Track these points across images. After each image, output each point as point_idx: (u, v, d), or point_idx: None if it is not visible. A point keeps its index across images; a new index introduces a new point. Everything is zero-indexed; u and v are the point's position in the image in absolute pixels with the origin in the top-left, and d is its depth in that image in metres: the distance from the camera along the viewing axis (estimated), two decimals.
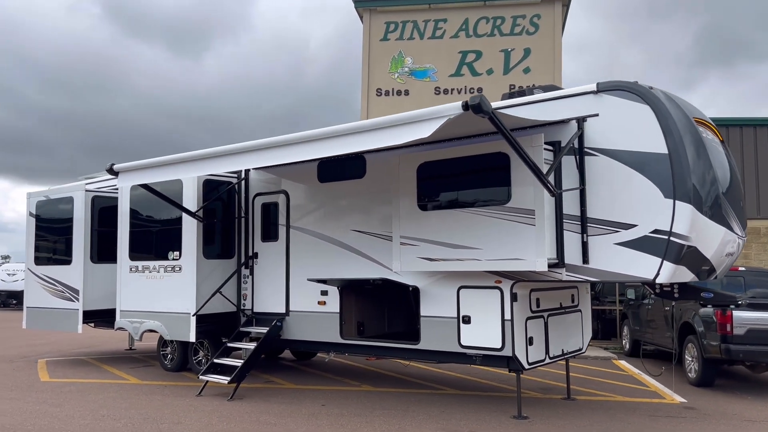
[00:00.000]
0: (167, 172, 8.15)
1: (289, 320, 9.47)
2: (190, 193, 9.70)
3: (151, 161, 8.32)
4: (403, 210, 7.84)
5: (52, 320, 11.97)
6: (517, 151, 5.90)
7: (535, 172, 6.09)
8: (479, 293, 7.55)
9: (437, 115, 5.74)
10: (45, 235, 12.45)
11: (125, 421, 7.37)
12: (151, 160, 8.39)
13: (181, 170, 8.03)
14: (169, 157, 8.17)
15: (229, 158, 7.49)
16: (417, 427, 7.12)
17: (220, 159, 7.59)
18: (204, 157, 7.75)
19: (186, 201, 9.72)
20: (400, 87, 15.65)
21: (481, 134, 7.35)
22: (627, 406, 8.32)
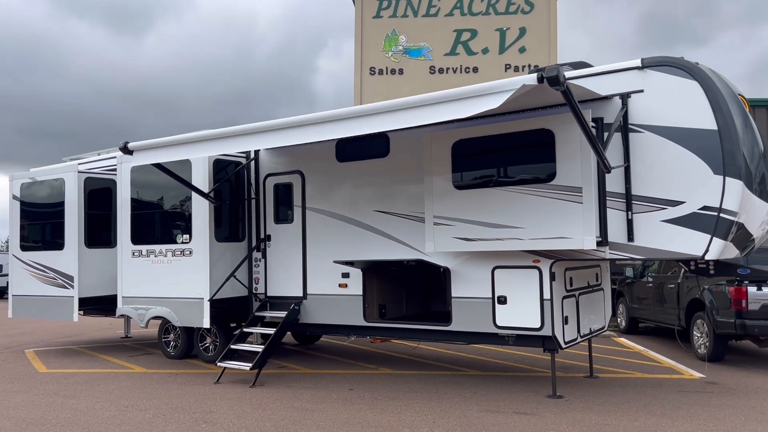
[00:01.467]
0: (185, 151, 7.74)
1: (307, 304, 9.21)
2: (200, 173, 9.29)
3: (168, 139, 7.89)
4: (436, 189, 7.64)
5: (43, 308, 11.39)
6: (583, 127, 5.75)
7: (595, 149, 5.96)
8: (516, 273, 7.44)
9: (509, 87, 5.53)
10: (32, 219, 11.80)
11: (153, 412, 7.03)
12: (168, 138, 7.96)
13: (201, 149, 7.64)
14: (188, 135, 7.77)
15: (258, 136, 7.14)
16: (459, 409, 7.00)
17: (247, 137, 7.23)
18: (227, 136, 7.38)
19: (195, 182, 9.30)
20: (394, 66, 15.37)
21: (521, 110, 7.21)
22: (651, 383, 8.38)
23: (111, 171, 11.58)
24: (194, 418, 6.73)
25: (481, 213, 7.31)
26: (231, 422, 6.54)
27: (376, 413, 6.85)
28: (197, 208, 9.37)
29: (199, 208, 9.34)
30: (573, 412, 6.79)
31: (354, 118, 6.56)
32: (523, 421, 6.46)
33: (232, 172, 9.70)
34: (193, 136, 7.64)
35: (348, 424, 6.40)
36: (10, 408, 7.35)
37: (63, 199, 11.15)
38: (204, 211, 9.29)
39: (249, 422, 6.54)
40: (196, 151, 7.63)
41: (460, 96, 5.86)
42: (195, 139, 7.58)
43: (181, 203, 9.68)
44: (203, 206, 9.29)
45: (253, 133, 7.14)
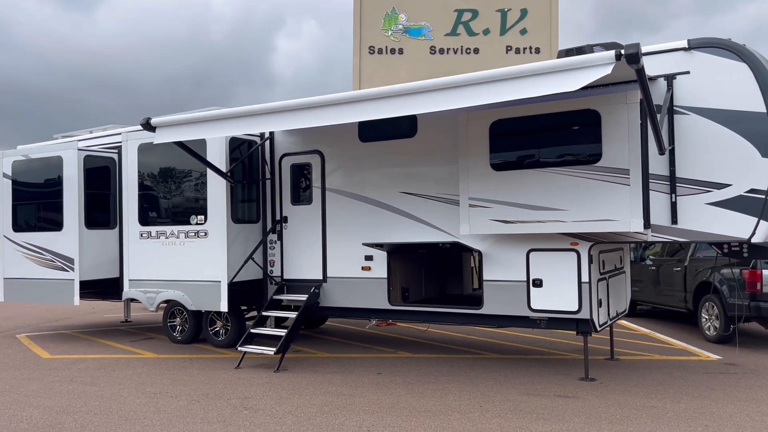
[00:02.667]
0: (214, 129, 7.40)
1: (327, 287, 9.00)
2: (216, 152, 8.95)
3: (196, 116, 7.53)
4: (472, 170, 7.49)
5: (40, 292, 10.91)
6: (649, 108, 5.65)
7: (656, 131, 5.87)
8: (553, 256, 7.37)
9: (587, 63, 5.37)
10: (25, 198, 11.25)
11: (186, 398, 6.77)
12: (196, 114, 7.60)
13: (232, 126, 7.31)
14: (219, 112, 7.41)
15: (299, 114, 6.84)
16: (499, 392, 6.92)
17: (286, 115, 6.93)
18: (264, 113, 7.06)
19: (210, 161, 8.94)
20: (394, 45, 15.07)
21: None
22: (674, 365, 8.45)
23: (110, 149, 11.12)
24: (232, 405, 6.49)
25: (521, 195, 7.19)
26: (273, 408, 6.34)
27: (417, 398, 6.72)
28: (213, 188, 9.04)
29: (215, 188, 9.01)
30: (614, 395, 6.78)
31: (413, 94, 6.27)
32: (569, 404, 6.41)
33: (247, 151, 9.37)
34: (225, 113, 7.30)
35: (394, 409, 6.26)
36: (30, 396, 6.99)
37: (61, 177, 10.65)
38: (220, 191, 8.97)
39: (291, 408, 6.34)
40: (226, 128, 7.31)
41: (534, 72, 5.65)
42: (226, 116, 7.25)
43: (194, 183, 9.33)
44: (219, 186, 8.97)
45: (294, 110, 6.84)
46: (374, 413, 6.12)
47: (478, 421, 5.84)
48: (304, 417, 6.02)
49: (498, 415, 6.03)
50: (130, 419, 6.01)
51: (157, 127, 7.72)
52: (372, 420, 5.90)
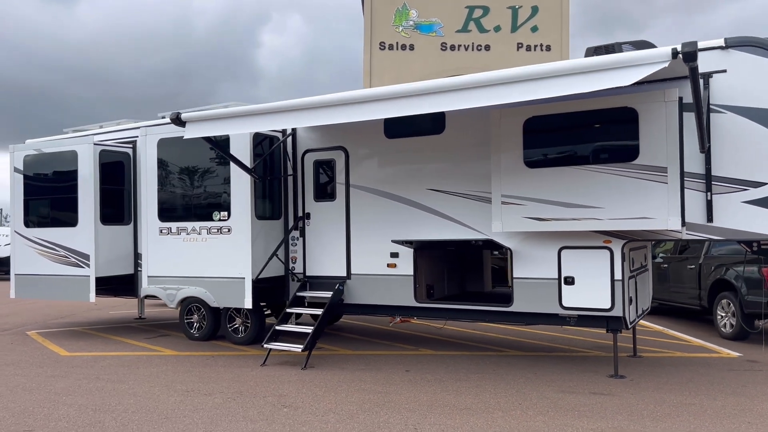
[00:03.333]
0: (244, 124, 7.32)
1: (351, 284, 8.95)
2: (240, 148, 8.85)
3: (227, 111, 7.44)
4: (505, 167, 7.47)
5: (53, 289, 10.76)
6: (698, 106, 5.65)
7: (700, 128, 5.88)
8: (585, 254, 7.37)
9: (643, 60, 5.36)
10: (38, 193, 11.10)
11: (220, 396, 6.70)
12: (226, 110, 7.51)
13: (262, 122, 7.23)
14: (250, 108, 7.33)
15: (340, 110, 6.75)
16: (534, 390, 6.92)
17: (317, 111, 6.86)
18: (299, 108, 6.99)
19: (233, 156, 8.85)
20: (405, 41, 14.99)
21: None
22: (697, 362, 8.50)
23: (124, 144, 11.00)
24: (270, 402, 6.44)
25: (555, 192, 7.18)
26: (312, 406, 6.29)
27: (453, 395, 6.70)
28: (237, 184, 8.95)
29: (239, 184, 8.93)
30: (649, 392, 6.80)
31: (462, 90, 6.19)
32: (608, 402, 6.42)
33: (269, 147, 9.28)
34: (259, 108, 7.21)
35: (434, 407, 6.24)
36: (60, 394, 6.89)
37: (76, 172, 10.50)
38: (244, 187, 8.89)
39: (330, 406, 6.30)
40: (259, 124, 7.23)
41: (588, 68, 5.62)
42: (259, 112, 7.16)
43: (216, 179, 9.24)
44: (243, 182, 8.89)
45: (328, 106, 6.77)
46: (415, 411, 6.10)
47: (522, 419, 5.84)
48: (346, 415, 5.98)
49: (540, 413, 6.02)
50: (171, 418, 5.94)
51: (188, 122, 7.63)
52: (416, 418, 5.88)
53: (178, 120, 7.63)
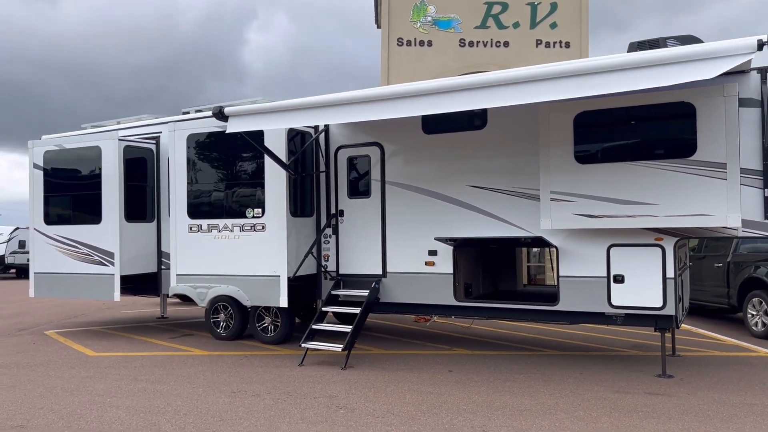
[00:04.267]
0: (290, 119, 7.15)
1: (387, 282, 8.80)
2: (275, 143, 8.66)
3: (272, 106, 7.26)
4: (554, 163, 7.34)
5: (77, 287, 10.53)
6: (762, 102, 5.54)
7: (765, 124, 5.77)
8: (636, 251, 7.26)
9: (726, 52, 5.23)
10: (59, 190, 10.85)
11: (270, 397, 6.52)
12: (271, 104, 7.32)
13: (308, 117, 7.05)
14: (296, 102, 7.14)
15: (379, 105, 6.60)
16: (587, 390, 6.80)
17: (368, 106, 6.69)
18: (343, 103, 6.82)
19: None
20: (423, 37, 14.86)
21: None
22: (739, 361, 8.41)
23: (147, 140, 10.78)
24: (322, 404, 6.27)
25: (607, 188, 7.06)
26: (367, 407, 6.13)
27: (508, 396, 6.56)
28: (271, 180, 8.76)
29: (274, 180, 8.74)
30: (704, 392, 6.70)
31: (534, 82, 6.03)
32: (668, 402, 6.31)
33: (300, 143, 9.10)
34: (306, 103, 7.03)
35: (494, 408, 6.09)
36: (102, 395, 6.69)
37: (99, 169, 10.28)
38: (279, 183, 8.70)
39: (386, 407, 6.14)
40: (305, 118, 7.06)
41: (667, 60, 5.48)
42: (306, 106, 6.99)
43: (250, 175, 9.05)
44: (278, 178, 8.70)
45: (378, 100, 6.61)
46: (475, 413, 5.95)
47: (587, 420, 5.70)
48: (407, 416, 5.83)
49: (603, 414, 5.90)
50: (226, 420, 5.76)
51: (230, 116, 7.43)
52: (479, 420, 5.73)
53: (220, 114, 7.43)
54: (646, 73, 5.67)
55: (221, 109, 7.42)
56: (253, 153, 8.89)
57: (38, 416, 5.92)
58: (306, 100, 7.08)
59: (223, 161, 9.25)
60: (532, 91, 6.03)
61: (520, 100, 6.09)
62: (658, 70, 5.48)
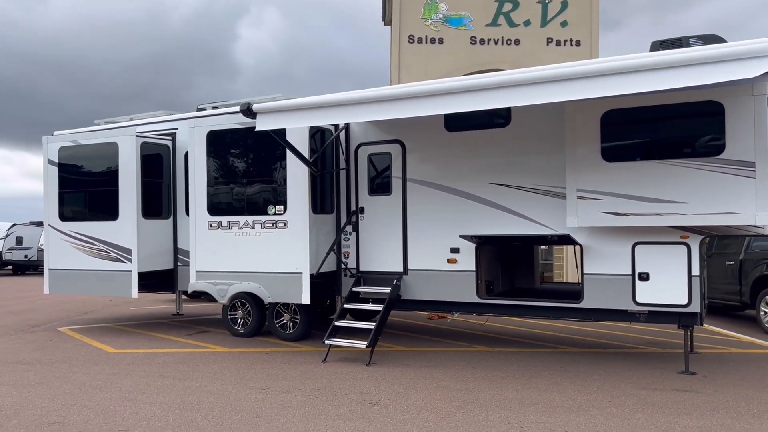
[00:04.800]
0: (318, 116, 7.15)
1: (408, 279, 8.83)
2: (297, 140, 8.65)
3: (302, 102, 7.25)
4: (581, 161, 7.38)
5: (91, 284, 10.51)
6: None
7: None
8: (661, 249, 7.31)
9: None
10: (74, 186, 10.83)
11: (302, 394, 6.53)
12: (301, 100, 7.32)
13: (337, 114, 7.06)
14: (325, 99, 7.14)
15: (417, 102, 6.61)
16: (615, 387, 6.84)
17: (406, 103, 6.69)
18: (380, 100, 6.82)
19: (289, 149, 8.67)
20: (434, 35, 14.87)
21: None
22: (758, 358, 8.49)
23: (163, 136, 10.76)
24: (355, 400, 6.29)
25: (635, 187, 7.10)
26: (401, 404, 6.15)
27: (538, 393, 6.60)
28: (294, 177, 8.77)
29: (296, 177, 8.75)
30: (731, 389, 6.76)
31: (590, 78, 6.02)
32: (697, 399, 6.36)
33: (320, 140, 9.11)
34: (338, 99, 7.03)
35: (524, 404, 6.13)
36: (132, 392, 6.68)
37: (116, 165, 10.26)
38: (302, 180, 8.71)
39: (420, 403, 6.16)
40: (338, 116, 7.06)
41: (708, 59, 5.50)
42: (339, 102, 6.98)
43: (272, 172, 9.04)
44: (300, 176, 8.71)
45: (416, 97, 6.61)
46: (509, 409, 5.98)
47: (622, 417, 5.75)
48: (443, 413, 5.85)
49: (636, 410, 5.94)
50: (263, 416, 5.78)
51: (259, 113, 7.43)
52: (514, 416, 5.77)
53: (248, 111, 7.43)
54: (686, 71, 5.69)
55: (249, 106, 7.42)
56: (274, 150, 8.89)
57: (73, 413, 5.92)
58: (339, 97, 7.08)
59: (244, 158, 9.25)
60: (574, 89, 6.05)
61: (563, 96, 6.10)
62: (698, 69, 5.51)
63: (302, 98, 7.37)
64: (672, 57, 5.76)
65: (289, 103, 7.31)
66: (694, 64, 5.51)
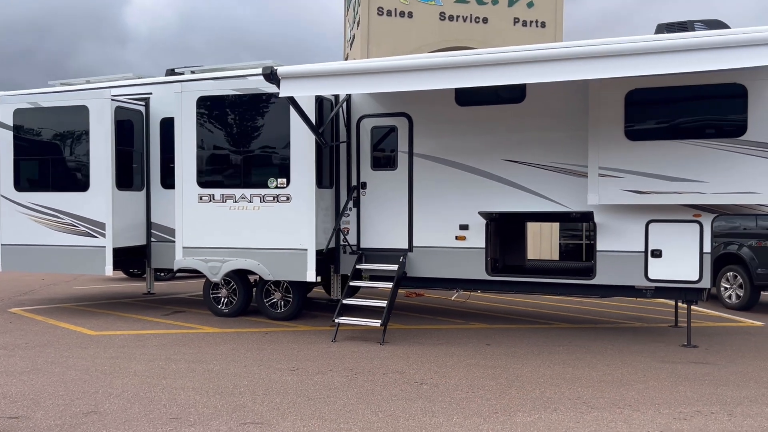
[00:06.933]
0: (354, 84, 6.79)
1: (413, 257, 8.65)
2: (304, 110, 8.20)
3: (333, 68, 6.83)
4: (604, 139, 7.44)
5: (55, 260, 9.61)
6: None
7: None
8: (674, 227, 7.53)
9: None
10: (34, 153, 9.81)
11: (338, 375, 6.24)
12: (332, 66, 6.89)
13: (373, 83, 6.72)
14: (362, 65, 6.77)
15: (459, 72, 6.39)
16: (638, 361, 7.01)
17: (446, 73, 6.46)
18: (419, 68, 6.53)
19: (294, 119, 8.23)
20: (404, 8, 14.58)
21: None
22: (743, 331, 9.03)
23: (137, 101, 9.95)
24: (398, 380, 6.08)
25: (657, 165, 7.25)
26: (447, 382, 6.00)
27: (568, 367, 6.65)
28: (298, 149, 8.32)
29: (301, 149, 8.31)
30: (742, 360, 7.10)
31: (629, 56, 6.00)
32: (722, 370, 6.63)
33: (322, 110, 8.70)
34: (376, 66, 6.65)
35: (570, 380, 6.15)
36: (151, 377, 6.14)
37: (86, 131, 9.37)
38: (307, 152, 8.29)
39: (466, 382, 6.04)
40: (372, 84, 6.72)
41: (733, 43, 5.63)
42: (378, 70, 6.63)
43: (272, 142, 8.55)
44: (306, 147, 8.28)
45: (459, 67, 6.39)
46: (558, 385, 5.98)
47: (666, 389, 5.87)
48: (496, 391, 5.76)
49: (676, 383, 6.10)
50: (316, 399, 5.46)
51: (283, 78, 6.94)
52: (569, 392, 5.76)
53: (272, 75, 6.92)
54: (723, 53, 5.81)
55: (273, 70, 6.91)
56: (277, 120, 8.41)
57: (104, 401, 5.36)
58: (377, 64, 6.73)
59: (240, 127, 8.68)
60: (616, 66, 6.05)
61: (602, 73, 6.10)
62: (729, 52, 5.64)
63: (334, 63, 6.97)
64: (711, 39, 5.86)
65: (320, 68, 6.88)
66: (734, 46, 5.64)
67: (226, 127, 8.75)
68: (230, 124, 8.73)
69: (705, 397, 5.64)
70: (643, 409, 5.25)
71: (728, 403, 5.46)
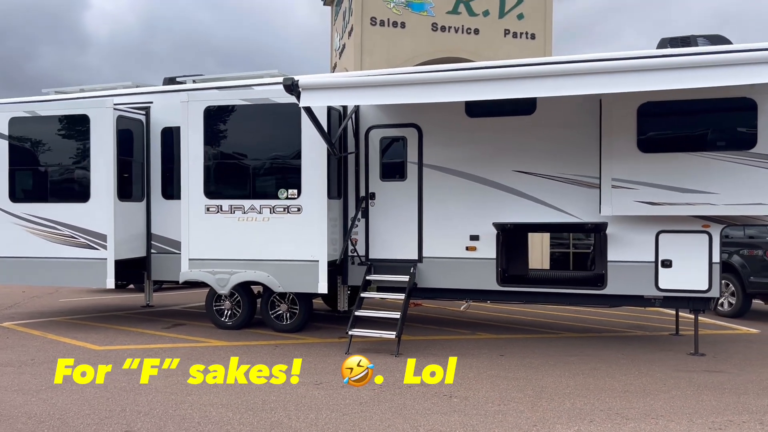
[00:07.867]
0: (374, 95, 6.77)
1: (423, 267, 8.64)
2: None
3: (356, 80, 6.80)
4: (616, 151, 7.55)
5: (56, 273, 9.35)
6: None
7: None
8: (684, 237, 7.67)
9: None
10: (30, 163, 9.56)
11: (364, 388, 6.19)
12: (355, 78, 6.87)
13: (399, 94, 6.72)
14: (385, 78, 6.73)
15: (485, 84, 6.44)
16: (653, 370, 7.11)
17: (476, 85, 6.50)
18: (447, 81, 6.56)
19: (305, 130, 8.18)
20: (396, 18, 14.64)
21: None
22: (743, 338, 9.22)
23: (137, 110, 9.78)
24: (425, 393, 6.05)
25: (669, 177, 7.39)
26: (475, 395, 6.00)
27: (593, 379, 6.71)
28: (309, 159, 8.26)
29: (312, 159, 8.25)
30: (752, 368, 7.25)
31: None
32: (737, 378, 6.76)
33: (330, 120, 8.65)
34: (399, 79, 6.65)
35: (596, 391, 6.21)
36: (173, 393, 6.00)
37: (87, 140, 9.16)
38: (319, 162, 8.23)
39: (495, 393, 6.05)
40: (397, 95, 6.70)
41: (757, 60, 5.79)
42: (401, 82, 6.62)
43: (282, 152, 8.47)
44: (319, 158, 8.22)
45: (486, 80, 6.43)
46: (585, 396, 6.02)
47: (690, 399, 5.96)
48: (527, 402, 5.78)
49: (699, 392, 6.20)
50: (349, 414, 5.40)
51: (304, 89, 6.89)
52: (600, 403, 5.81)
53: (293, 86, 6.85)
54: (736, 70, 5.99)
55: (294, 82, 6.84)
56: (287, 130, 8.33)
57: (134, 419, 5.22)
58: (400, 77, 6.73)
59: (249, 137, 8.59)
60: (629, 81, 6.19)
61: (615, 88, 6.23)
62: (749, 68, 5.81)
63: (354, 75, 6.95)
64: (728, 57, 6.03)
65: (341, 80, 6.86)
66: (752, 63, 5.80)
67: (234, 137, 8.65)
68: (239, 134, 8.63)
69: (731, 406, 5.75)
70: (677, 419, 5.32)
71: (755, 411, 5.57)
